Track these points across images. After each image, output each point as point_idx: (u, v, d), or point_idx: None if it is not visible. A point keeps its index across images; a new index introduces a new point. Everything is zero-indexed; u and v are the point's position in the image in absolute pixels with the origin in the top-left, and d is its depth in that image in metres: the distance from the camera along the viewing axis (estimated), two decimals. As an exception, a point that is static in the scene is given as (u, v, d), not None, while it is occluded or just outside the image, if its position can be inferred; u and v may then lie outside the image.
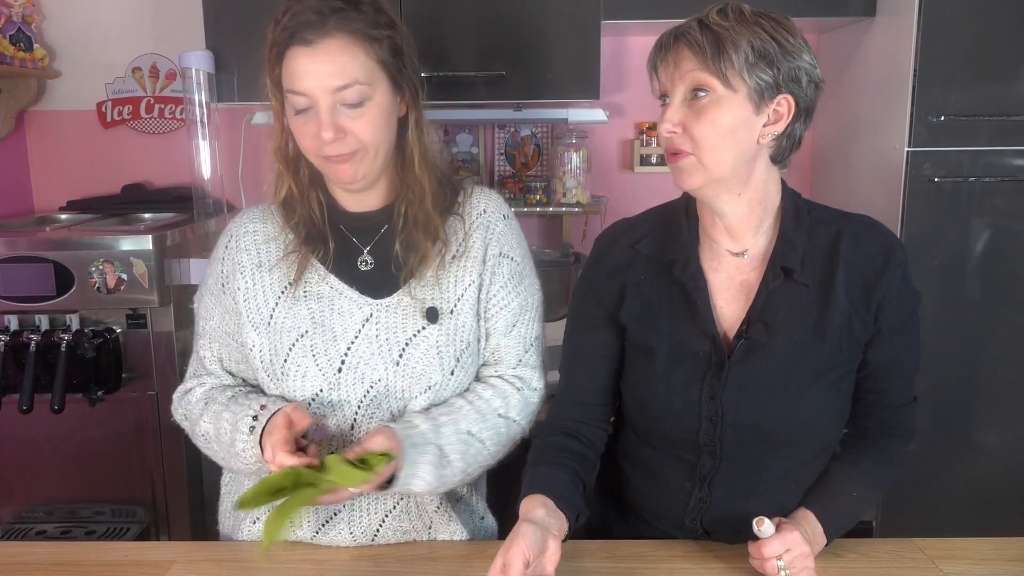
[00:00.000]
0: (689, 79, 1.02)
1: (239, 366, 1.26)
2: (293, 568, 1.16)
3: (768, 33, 1.01)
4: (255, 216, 1.26)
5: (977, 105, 1.76)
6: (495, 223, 1.25)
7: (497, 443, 1.22)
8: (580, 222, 2.40)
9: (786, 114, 1.04)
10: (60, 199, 2.40)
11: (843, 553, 1.16)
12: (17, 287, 1.89)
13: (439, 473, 1.13)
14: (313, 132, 1.10)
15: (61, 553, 1.20)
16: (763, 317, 1.09)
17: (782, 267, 1.09)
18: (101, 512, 2.02)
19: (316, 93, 1.08)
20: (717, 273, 1.14)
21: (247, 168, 2.38)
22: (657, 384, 1.14)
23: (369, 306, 1.19)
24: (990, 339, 1.87)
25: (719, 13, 1.02)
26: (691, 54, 1.02)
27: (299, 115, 1.11)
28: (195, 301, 1.29)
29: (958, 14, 1.73)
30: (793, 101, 1.03)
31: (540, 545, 0.98)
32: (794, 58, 1.02)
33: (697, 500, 1.17)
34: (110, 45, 2.37)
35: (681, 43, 1.03)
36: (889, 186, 1.85)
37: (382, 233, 1.23)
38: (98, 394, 1.91)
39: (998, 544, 1.19)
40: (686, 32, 1.03)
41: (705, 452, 1.14)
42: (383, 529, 1.20)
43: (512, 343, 1.26)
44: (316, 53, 1.08)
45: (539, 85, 2.00)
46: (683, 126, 1.04)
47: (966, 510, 1.94)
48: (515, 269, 1.26)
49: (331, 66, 1.08)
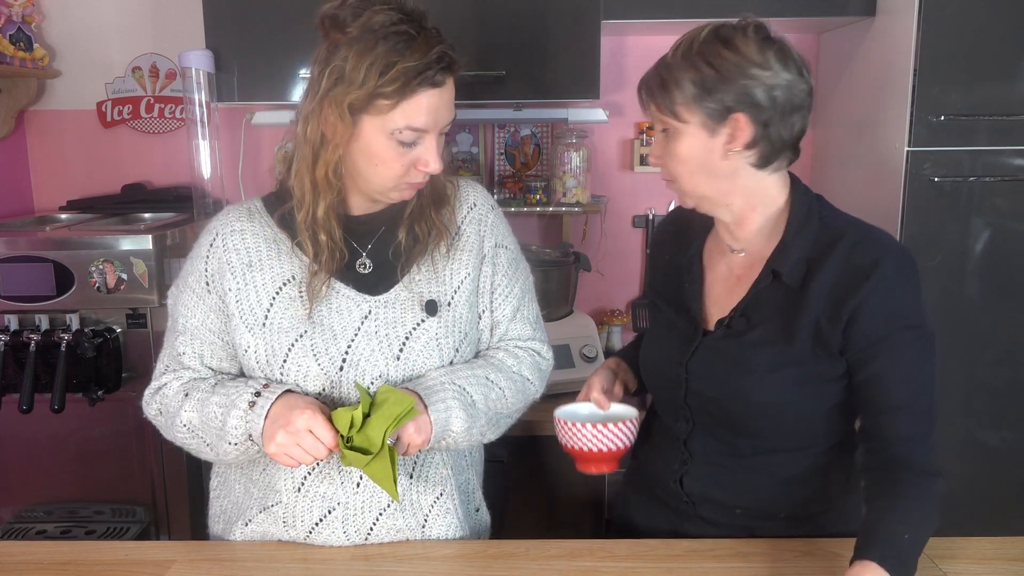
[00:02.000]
0: (655, 118, 1.15)
1: (221, 364, 1.24)
2: (287, 568, 1.16)
3: (709, 63, 1.07)
4: (240, 215, 1.24)
5: (977, 105, 1.76)
6: (486, 215, 1.29)
7: (515, 394, 1.26)
8: (580, 222, 2.40)
9: (745, 130, 1.09)
10: (60, 199, 2.40)
11: (843, 553, 1.16)
12: (17, 287, 1.89)
13: (468, 412, 1.16)
14: (409, 162, 1.13)
15: (61, 553, 1.20)
16: (747, 312, 1.17)
17: (773, 269, 1.15)
18: (101, 512, 2.02)
19: (432, 130, 1.13)
20: (718, 265, 1.25)
21: (247, 168, 2.38)
22: (654, 345, 1.31)
23: (367, 303, 1.20)
24: (990, 339, 1.87)
25: (675, 49, 1.12)
26: (649, 98, 1.14)
27: (402, 146, 1.12)
28: (169, 297, 1.27)
29: (958, 14, 1.73)
30: (746, 117, 1.08)
31: (612, 378, 1.31)
32: (739, 78, 1.07)
33: (679, 462, 1.25)
34: (110, 45, 2.37)
35: (642, 89, 1.16)
36: (889, 186, 1.85)
37: (380, 233, 1.23)
38: (98, 394, 1.91)
39: (998, 544, 1.19)
40: (647, 79, 1.15)
41: (681, 416, 1.24)
42: (376, 528, 1.20)
43: (520, 325, 1.31)
44: (443, 93, 1.13)
45: (539, 85, 2.00)
46: (662, 158, 1.17)
47: (966, 510, 1.93)
48: (511, 257, 1.31)
49: (450, 104, 1.15)
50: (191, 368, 1.23)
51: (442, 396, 1.15)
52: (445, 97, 1.13)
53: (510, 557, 1.17)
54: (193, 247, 1.26)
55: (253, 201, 1.27)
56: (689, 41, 1.10)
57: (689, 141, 1.11)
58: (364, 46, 1.07)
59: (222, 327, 1.22)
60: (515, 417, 1.29)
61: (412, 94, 1.09)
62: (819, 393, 1.15)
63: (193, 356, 1.23)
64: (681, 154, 1.13)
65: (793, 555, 1.16)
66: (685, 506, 1.26)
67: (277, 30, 1.96)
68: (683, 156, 1.13)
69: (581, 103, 2.18)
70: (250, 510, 1.23)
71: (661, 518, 1.31)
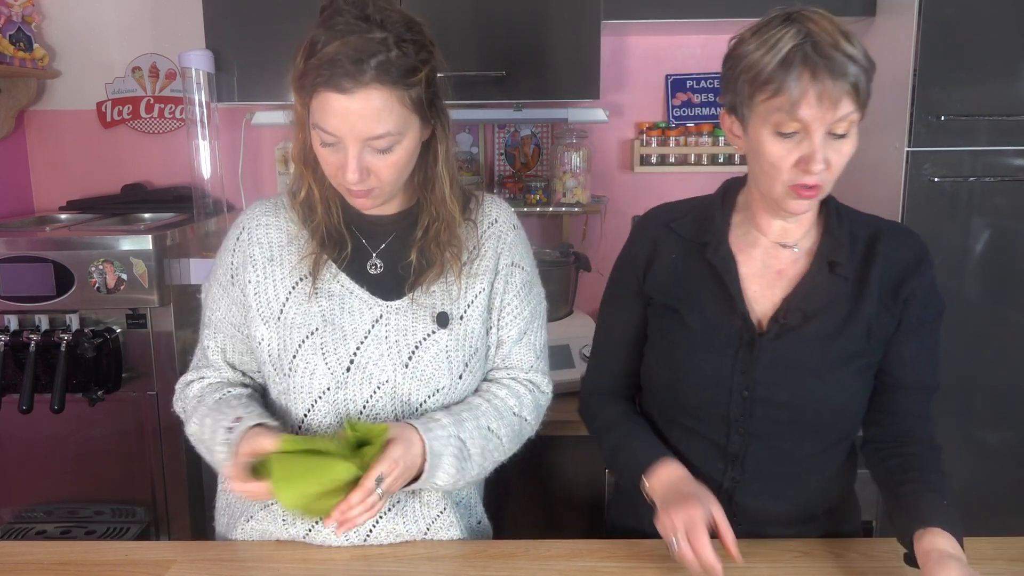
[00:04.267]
0: (838, 121, 1.01)
1: (242, 358, 1.26)
2: (288, 568, 1.16)
3: (860, 45, 1.02)
4: (267, 209, 1.26)
5: (977, 105, 1.76)
6: (506, 233, 1.27)
7: (512, 439, 1.24)
8: (580, 222, 2.40)
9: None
10: (60, 199, 2.40)
11: (843, 553, 1.16)
12: (17, 287, 1.89)
13: (460, 466, 1.14)
14: (338, 164, 1.09)
15: (61, 553, 1.20)
16: (801, 305, 1.14)
17: (829, 261, 1.14)
18: (101, 512, 2.02)
19: (347, 138, 1.06)
20: (752, 260, 1.18)
21: (247, 168, 2.38)
22: (692, 353, 1.17)
23: (379, 307, 1.20)
24: (990, 339, 1.87)
25: (844, 37, 1.01)
26: (850, 100, 1.00)
27: (325, 147, 1.10)
28: (202, 291, 1.30)
29: (958, 14, 1.73)
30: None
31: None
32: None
33: (731, 480, 1.18)
34: (110, 45, 2.37)
35: (841, 85, 0.99)
36: (889, 186, 1.85)
37: (391, 239, 1.24)
38: (98, 394, 1.91)
39: (998, 544, 1.19)
40: (844, 72, 0.99)
41: (735, 430, 1.16)
42: (376, 531, 1.20)
43: (523, 350, 1.28)
44: (352, 102, 1.03)
45: (539, 85, 2.00)
46: (826, 160, 1.03)
47: (966, 510, 1.92)
48: (525, 278, 1.29)
49: (365, 117, 1.04)
50: (213, 364, 1.26)
51: (439, 451, 1.12)
52: (356, 106, 1.03)
53: (510, 557, 1.17)
54: (223, 241, 1.28)
55: (280, 197, 1.28)
56: (831, 28, 1.01)
57: (855, 140, 1.05)
58: (313, 30, 1.06)
59: (242, 320, 1.23)
60: (507, 458, 1.26)
61: (319, 95, 1.05)
62: (870, 381, 1.18)
63: (216, 351, 1.26)
64: (849, 154, 1.05)
65: (793, 555, 1.16)
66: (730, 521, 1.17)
67: (277, 30, 1.96)
68: (848, 156, 1.05)
69: (581, 103, 2.17)
70: (252, 507, 1.24)
71: None
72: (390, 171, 1.11)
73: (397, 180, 1.14)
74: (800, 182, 1.05)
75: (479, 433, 1.18)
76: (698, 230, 1.20)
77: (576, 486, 1.91)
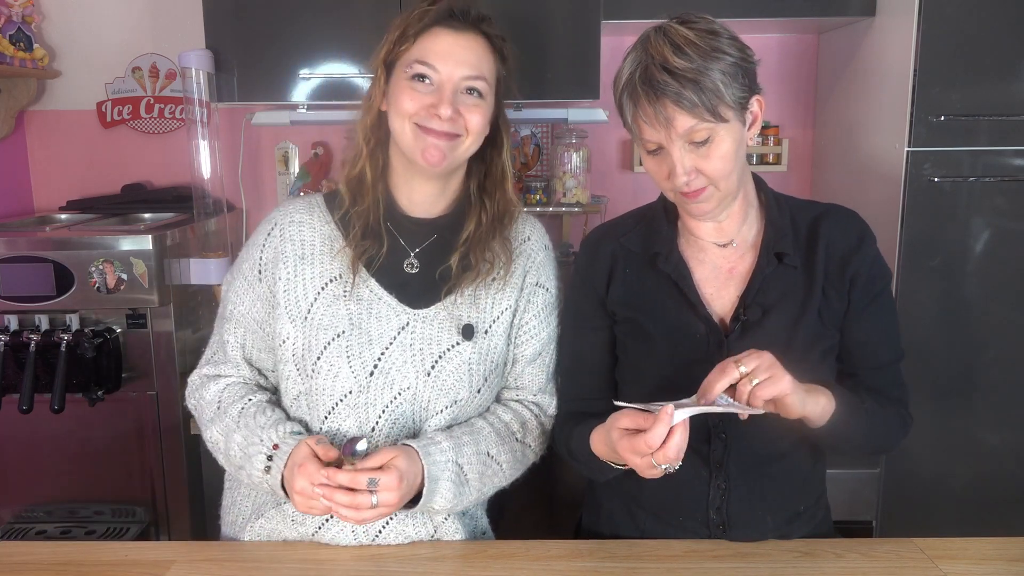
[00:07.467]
0: (686, 134, 1.05)
1: (260, 355, 1.26)
2: (294, 567, 1.16)
3: (724, 52, 1.04)
4: (300, 207, 1.27)
5: (977, 105, 1.76)
6: (536, 252, 1.29)
7: (513, 466, 1.25)
8: (580, 222, 2.40)
9: (759, 111, 1.09)
10: (60, 199, 2.40)
11: (843, 553, 1.16)
12: (17, 287, 1.89)
13: (458, 491, 1.15)
14: (426, 102, 1.14)
15: (61, 553, 1.20)
16: (758, 300, 1.16)
17: (776, 253, 1.15)
18: (101, 512, 2.02)
19: (446, 74, 1.15)
20: (702, 264, 1.20)
21: (247, 168, 2.38)
22: (662, 364, 1.17)
23: (406, 315, 1.20)
24: (990, 339, 1.87)
25: (676, 49, 1.02)
26: (681, 111, 1.03)
27: (415, 80, 1.15)
28: (224, 284, 1.30)
29: (958, 14, 1.73)
30: (759, 98, 1.09)
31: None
32: (745, 62, 1.06)
33: (717, 489, 1.18)
34: (110, 45, 2.37)
35: (665, 100, 1.03)
36: (889, 186, 1.85)
37: (433, 240, 1.24)
38: (98, 394, 1.91)
39: (998, 544, 1.19)
40: (664, 89, 1.02)
41: (715, 435, 1.17)
42: (386, 531, 1.20)
43: (536, 371, 1.29)
44: (459, 39, 1.16)
45: (539, 85, 2.00)
46: (695, 169, 1.07)
47: (966, 510, 1.94)
48: (549, 300, 1.29)
49: (470, 55, 1.16)
50: (231, 360, 1.26)
51: (436, 475, 1.12)
52: (463, 44, 1.16)
53: (510, 557, 1.17)
54: (251, 236, 1.29)
55: (314, 196, 1.29)
56: (684, 38, 1.03)
57: (730, 138, 1.06)
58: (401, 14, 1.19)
59: (265, 317, 1.23)
60: (508, 483, 1.26)
61: (428, 34, 1.15)
62: (833, 364, 1.19)
63: (236, 346, 1.26)
64: (727, 154, 1.06)
65: (793, 555, 1.16)
66: (718, 531, 1.19)
67: (277, 30, 1.96)
68: (728, 156, 1.06)
69: (581, 103, 2.17)
70: (263, 505, 1.24)
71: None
72: (477, 119, 1.17)
73: (479, 134, 1.19)
74: (680, 191, 1.10)
75: (478, 459, 1.19)
76: (647, 242, 1.21)
77: (575, 486, 1.91)
